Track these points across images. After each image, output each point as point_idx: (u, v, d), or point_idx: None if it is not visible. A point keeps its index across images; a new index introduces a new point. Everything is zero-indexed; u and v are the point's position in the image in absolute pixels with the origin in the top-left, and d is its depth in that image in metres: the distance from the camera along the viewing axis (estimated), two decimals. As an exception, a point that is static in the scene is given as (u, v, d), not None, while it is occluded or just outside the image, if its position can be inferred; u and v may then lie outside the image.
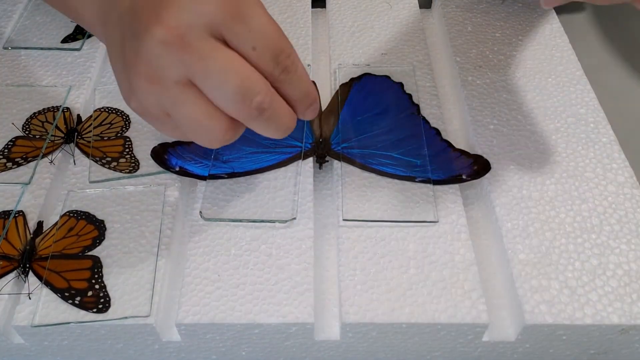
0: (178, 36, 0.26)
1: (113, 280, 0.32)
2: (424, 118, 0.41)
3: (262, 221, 0.35)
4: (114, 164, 0.38)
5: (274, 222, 0.35)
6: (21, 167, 0.38)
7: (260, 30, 0.27)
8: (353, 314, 0.31)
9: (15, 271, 0.33)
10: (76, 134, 0.40)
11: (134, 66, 0.27)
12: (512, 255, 0.33)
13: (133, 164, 0.38)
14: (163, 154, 0.38)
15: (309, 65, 0.45)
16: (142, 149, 0.39)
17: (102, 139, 0.40)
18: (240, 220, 0.35)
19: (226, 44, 0.27)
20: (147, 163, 0.38)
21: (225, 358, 0.34)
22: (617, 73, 0.50)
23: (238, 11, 0.26)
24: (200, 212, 0.35)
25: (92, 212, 0.36)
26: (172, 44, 0.26)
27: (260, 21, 0.27)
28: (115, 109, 0.42)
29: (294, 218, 0.35)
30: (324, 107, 0.42)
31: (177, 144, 0.39)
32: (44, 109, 0.42)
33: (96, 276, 0.33)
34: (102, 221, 0.35)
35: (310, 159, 0.39)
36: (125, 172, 0.38)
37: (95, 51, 0.46)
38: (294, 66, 0.28)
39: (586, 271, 0.33)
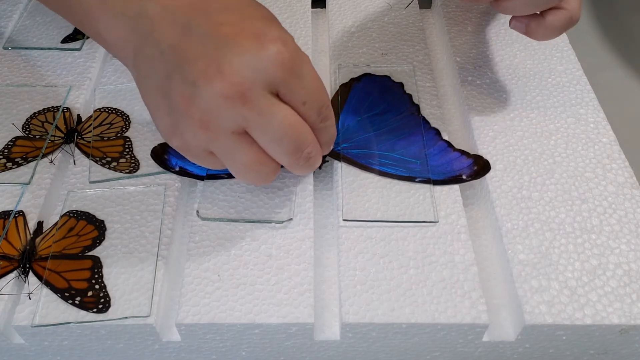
0: (239, 92, 0.28)
1: (113, 280, 0.32)
2: (424, 118, 0.41)
3: (259, 221, 0.35)
4: (114, 164, 0.38)
5: (270, 223, 0.35)
6: (21, 167, 0.38)
7: (311, 87, 0.30)
8: (353, 314, 0.31)
9: (15, 271, 0.33)
10: (76, 134, 0.40)
11: (186, 110, 0.29)
12: (512, 256, 0.33)
13: (133, 164, 0.38)
14: (163, 154, 0.38)
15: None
16: (142, 149, 0.39)
17: (102, 139, 0.40)
18: (237, 220, 0.35)
19: (278, 96, 0.29)
20: (147, 163, 0.38)
21: (225, 358, 0.34)
22: (617, 73, 0.50)
23: (294, 69, 0.29)
24: (197, 211, 0.36)
25: (92, 212, 0.36)
26: (234, 99, 0.28)
27: (311, 78, 0.30)
28: (115, 109, 0.42)
29: (291, 219, 0.35)
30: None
31: (177, 144, 0.39)
32: (44, 109, 0.42)
33: (96, 276, 0.33)
34: (102, 221, 0.35)
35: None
36: (125, 172, 0.38)
37: (95, 51, 0.46)
38: (331, 116, 0.32)
39: (586, 271, 0.33)
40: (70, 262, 0.33)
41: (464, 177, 0.37)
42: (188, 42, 0.29)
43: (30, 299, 0.32)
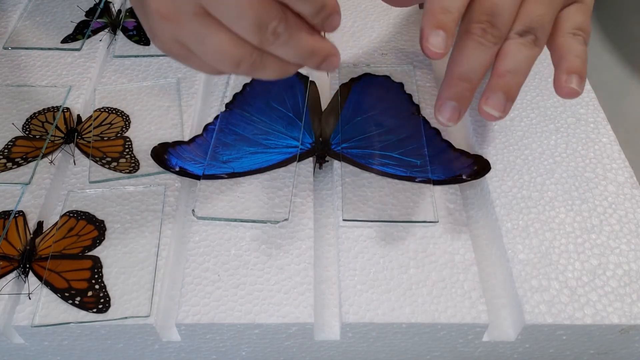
0: None
1: (113, 280, 0.32)
2: (424, 118, 0.41)
3: (255, 221, 0.35)
4: (114, 164, 0.38)
5: (265, 223, 0.35)
6: (21, 167, 0.38)
7: None
8: (353, 313, 0.31)
9: (15, 271, 0.33)
10: (76, 134, 0.40)
11: (149, 6, 0.27)
12: (512, 255, 0.33)
13: (133, 164, 0.38)
14: (163, 154, 0.38)
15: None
16: (142, 149, 0.39)
17: (102, 139, 0.40)
18: (234, 220, 0.35)
19: None
20: (147, 163, 0.38)
21: (225, 358, 0.34)
22: (617, 73, 0.50)
23: None
24: (193, 210, 0.36)
25: (92, 212, 0.36)
26: None
27: None
28: (115, 109, 0.42)
29: (287, 219, 0.35)
30: (323, 107, 0.42)
31: (178, 144, 0.39)
32: (44, 109, 0.42)
33: (96, 276, 0.33)
34: (102, 221, 0.35)
35: (310, 159, 0.39)
36: (125, 172, 0.38)
37: (95, 51, 0.46)
38: None
39: (586, 271, 0.33)
40: (70, 262, 0.33)
41: (464, 177, 0.37)
42: None
43: (30, 299, 0.32)
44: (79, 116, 0.42)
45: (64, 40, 0.47)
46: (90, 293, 0.32)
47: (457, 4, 0.31)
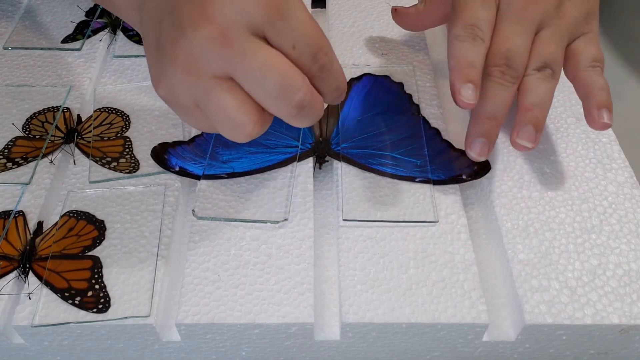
0: (222, 33, 0.27)
1: (113, 281, 0.32)
2: (424, 118, 0.41)
3: (254, 221, 0.35)
4: (114, 164, 0.38)
5: (265, 223, 0.35)
6: (21, 167, 0.38)
7: (300, 29, 0.28)
8: (353, 314, 0.31)
9: (15, 271, 0.33)
10: (76, 134, 0.40)
11: (171, 54, 0.28)
12: (512, 255, 0.33)
13: (133, 164, 0.38)
14: (163, 154, 0.38)
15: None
16: (142, 149, 0.39)
17: (102, 139, 0.40)
18: (233, 220, 0.35)
19: (267, 42, 0.28)
20: (147, 163, 0.38)
21: (225, 358, 0.34)
22: (617, 73, 0.50)
23: (280, 10, 0.27)
24: (193, 210, 0.36)
25: (92, 212, 0.36)
26: (216, 40, 0.27)
27: (300, 20, 0.28)
28: (115, 109, 0.42)
29: (286, 219, 0.35)
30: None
31: (178, 144, 0.39)
32: (44, 109, 0.42)
33: (96, 276, 0.33)
34: (102, 221, 0.35)
35: (311, 159, 0.39)
36: (125, 172, 0.38)
37: (95, 51, 0.46)
38: (330, 63, 0.30)
39: (586, 271, 0.33)
40: (70, 262, 0.33)
41: (464, 177, 0.37)
42: None
43: (30, 299, 0.32)
44: (79, 116, 0.42)
45: (64, 40, 0.47)
46: (90, 293, 0.32)
47: (479, 58, 0.35)
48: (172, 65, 0.28)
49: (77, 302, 0.31)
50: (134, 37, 0.48)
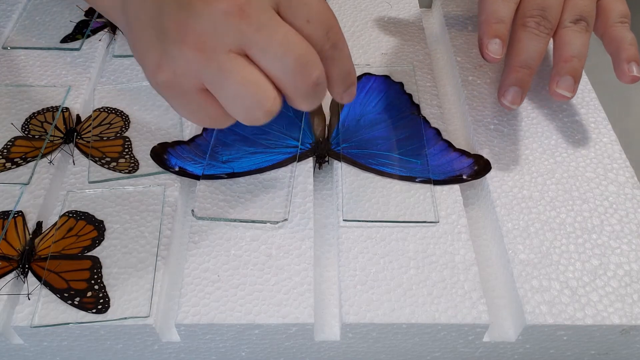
0: (239, 6, 0.26)
1: (112, 281, 0.32)
2: (424, 118, 0.41)
3: (254, 221, 0.35)
4: (114, 164, 0.38)
5: (265, 223, 0.35)
6: (20, 167, 0.38)
7: (314, 4, 0.28)
8: (353, 314, 0.31)
9: (15, 272, 0.33)
10: (75, 134, 0.40)
11: (179, 35, 0.27)
12: (513, 256, 0.33)
13: (132, 164, 0.38)
14: (162, 154, 0.38)
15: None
16: (142, 149, 0.39)
17: (101, 139, 0.40)
18: (233, 220, 0.35)
19: (281, 16, 0.27)
20: (147, 163, 0.38)
21: (225, 358, 0.34)
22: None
23: None
24: (193, 210, 0.35)
25: (91, 212, 0.36)
26: (233, 14, 0.26)
27: None
28: (114, 109, 0.42)
29: (286, 219, 0.35)
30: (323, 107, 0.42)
31: (177, 143, 0.39)
32: (43, 109, 0.42)
33: (95, 277, 0.32)
34: (102, 221, 0.35)
35: (310, 159, 0.39)
36: (125, 172, 0.38)
37: (94, 51, 0.46)
38: (341, 43, 0.29)
39: (587, 271, 0.33)
40: (70, 263, 0.33)
41: (464, 177, 0.37)
42: None
43: (29, 299, 0.32)
44: (78, 116, 0.41)
45: (64, 40, 0.47)
46: (89, 293, 0.32)
47: (509, 14, 0.36)
48: (179, 46, 0.27)
49: (76, 302, 0.31)
50: (134, 37, 0.48)
